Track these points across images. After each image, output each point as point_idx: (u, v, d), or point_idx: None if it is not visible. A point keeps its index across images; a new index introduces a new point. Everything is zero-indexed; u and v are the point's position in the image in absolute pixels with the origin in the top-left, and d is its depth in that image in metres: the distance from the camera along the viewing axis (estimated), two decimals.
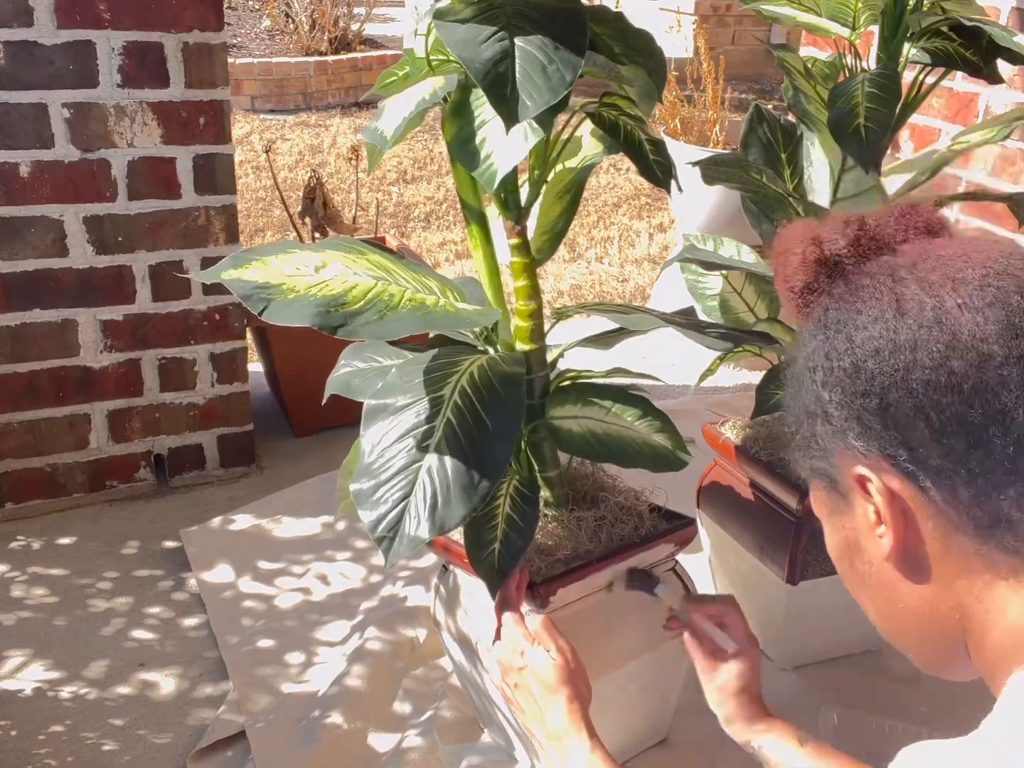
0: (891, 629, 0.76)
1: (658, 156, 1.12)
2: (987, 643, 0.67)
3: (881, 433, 0.66)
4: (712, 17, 6.28)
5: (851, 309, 0.69)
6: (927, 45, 1.49)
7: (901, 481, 0.66)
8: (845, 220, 0.75)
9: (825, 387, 0.70)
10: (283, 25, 6.26)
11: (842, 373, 0.68)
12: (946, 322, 0.64)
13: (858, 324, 0.68)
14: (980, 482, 0.63)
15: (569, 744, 1.05)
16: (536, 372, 1.24)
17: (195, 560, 1.88)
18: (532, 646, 1.10)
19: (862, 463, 0.68)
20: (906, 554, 0.68)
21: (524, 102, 0.86)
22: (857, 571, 0.74)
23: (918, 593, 0.69)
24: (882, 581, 0.72)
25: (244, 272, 1.05)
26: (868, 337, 0.67)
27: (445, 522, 0.98)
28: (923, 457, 0.65)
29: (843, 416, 0.68)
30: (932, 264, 0.68)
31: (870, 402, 0.66)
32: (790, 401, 0.75)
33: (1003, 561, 0.65)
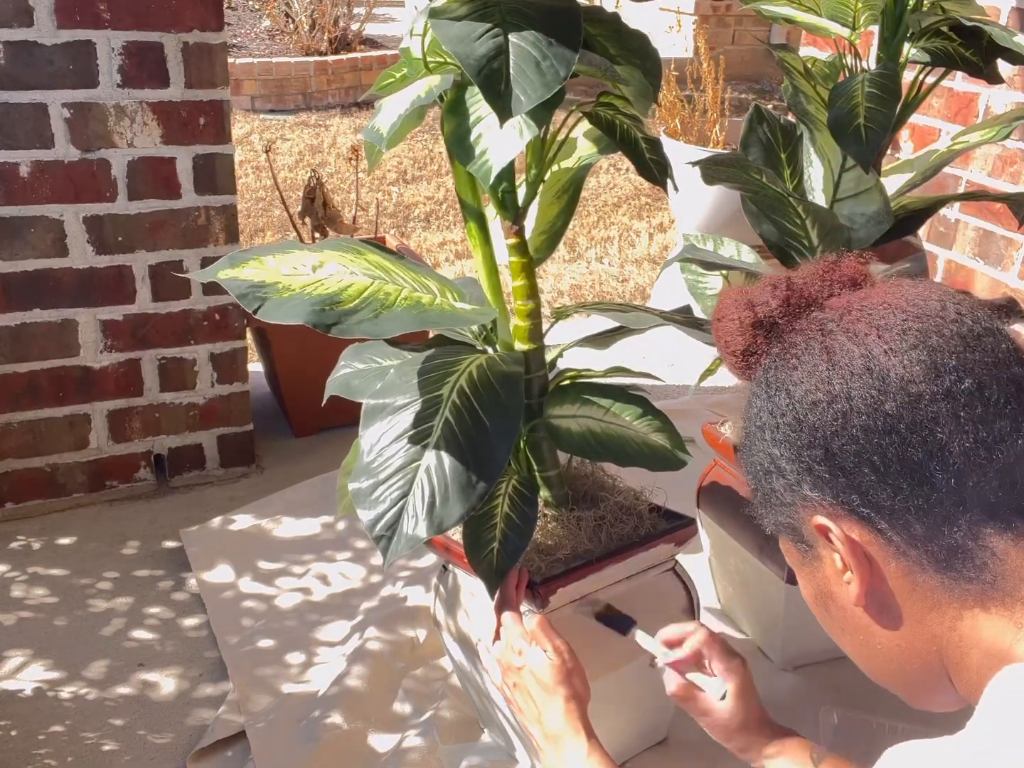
0: (874, 669, 0.78)
1: (654, 155, 1.12)
2: (968, 667, 0.68)
3: (831, 481, 0.68)
4: (712, 17, 6.28)
5: (787, 366, 0.72)
6: (927, 45, 1.49)
7: (859, 526, 0.68)
8: (773, 283, 0.78)
9: (775, 444, 0.72)
10: (283, 25, 6.26)
11: (787, 429, 0.71)
12: (875, 368, 0.67)
13: (795, 380, 0.71)
14: (930, 518, 0.66)
15: (567, 744, 1.04)
16: (535, 372, 1.24)
17: (195, 560, 1.88)
18: (530, 646, 1.10)
19: (820, 512, 0.70)
20: (874, 597, 0.70)
21: (518, 97, 0.87)
22: (833, 617, 0.76)
23: (892, 634, 0.71)
24: (857, 625, 0.74)
25: (241, 271, 1.05)
26: (805, 391, 0.70)
27: (443, 521, 0.98)
28: (874, 500, 0.67)
29: (795, 470, 0.71)
30: (857, 315, 0.71)
31: (816, 453, 0.69)
32: (745, 460, 0.77)
33: (967, 591, 0.67)
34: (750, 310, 0.77)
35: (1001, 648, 0.65)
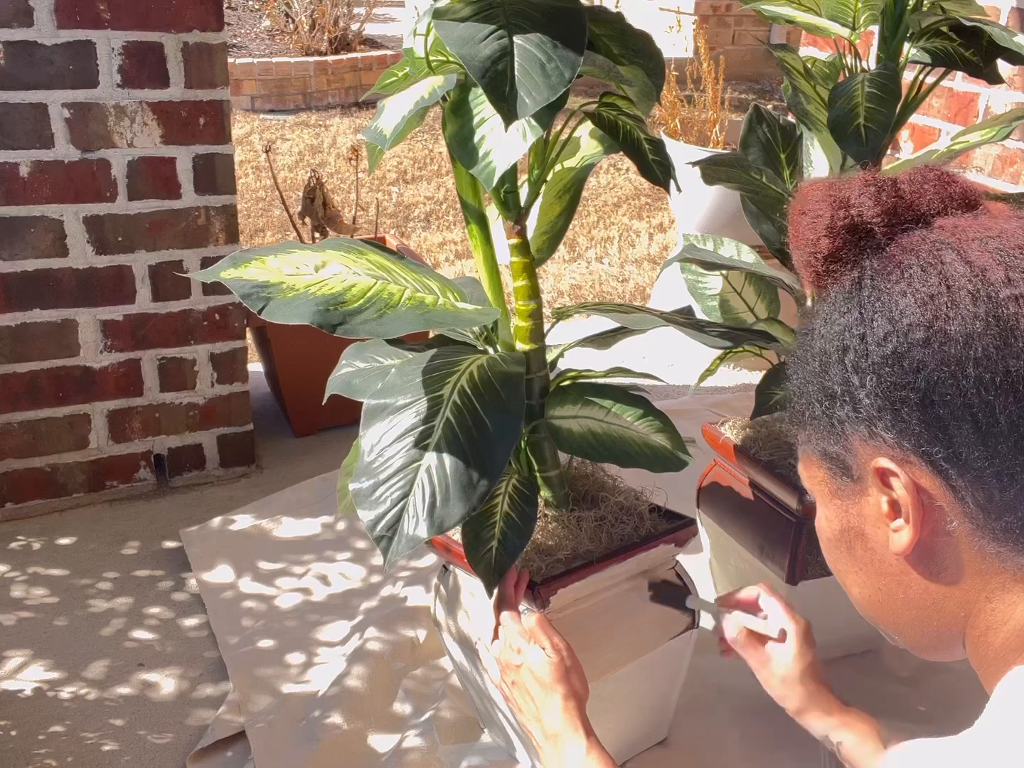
0: (879, 613, 0.73)
1: (657, 156, 1.12)
2: (990, 640, 0.65)
3: (918, 428, 0.62)
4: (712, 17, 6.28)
5: (893, 289, 0.64)
6: (927, 45, 1.49)
7: (931, 478, 0.63)
8: (876, 185, 0.69)
9: (857, 371, 0.65)
10: (283, 25, 6.26)
11: (881, 360, 0.63)
12: (1002, 316, 0.60)
13: (902, 307, 0.63)
14: (1020, 487, 0.61)
15: (565, 743, 1.04)
16: (536, 372, 1.24)
17: (195, 560, 1.88)
18: (529, 644, 1.10)
19: (887, 455, 0.64)
20: (920, 549, 0.65)
21: (523, 100, 0.86)
22: (854, 556, 0.71)
23: (924, 587, 0.67)
24: (883, 571, 0.69)
25: (244, 271, 1.05)
26: (914, 323, 0.62)
27: (444, 521, 0.98)
28: (963, 458, 0.61)
29: (875, 405, 0.64)
30: (979, 246, 0.63)
31: (911, 395, 0.62)
32: (803, 376, 0.70)
33: (1020, 564, 0.63)
34: (845, 210, 0.68)
35: None
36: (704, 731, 1.49)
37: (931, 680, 1.59)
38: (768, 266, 1.63)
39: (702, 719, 1.50)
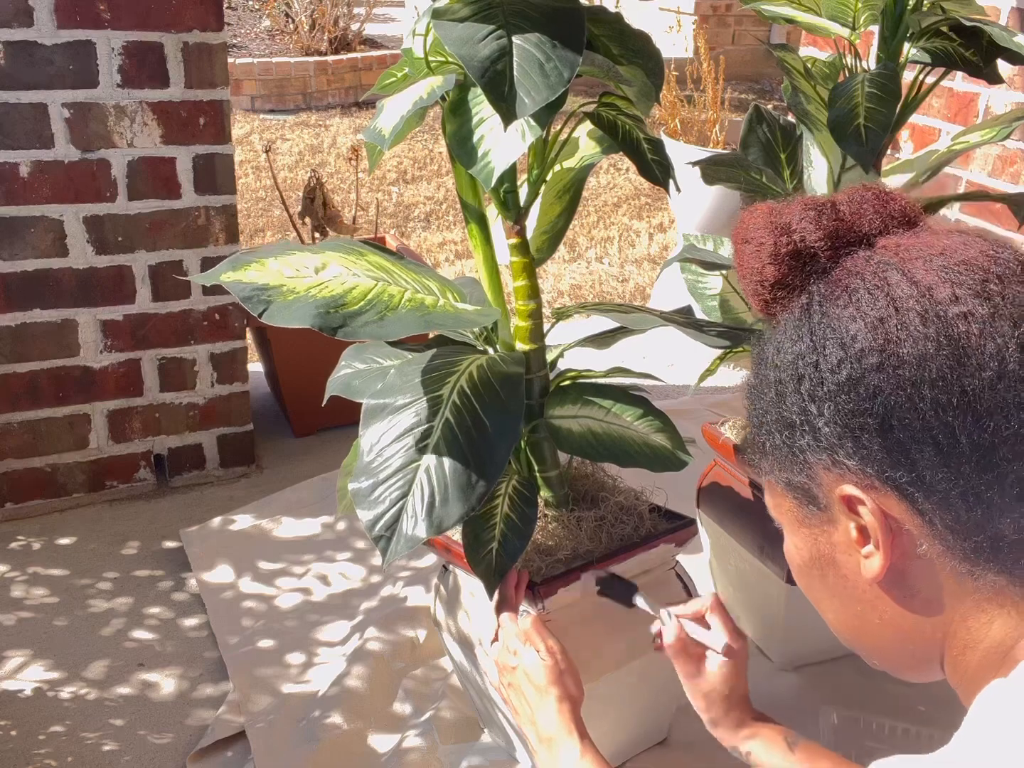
0: (856, 638, 0.73)
1: (656, 156, 1.12)
2: (968, 659, 0.65)
3: (879, 454, 0.62)
4: (712, 17, 6.28)
5: (842, 315, 0.63)
6: (927, 45, 1.49)
7: (898, 503, 0.62)
8: (816, 208, 0.69)
9: (814, 400, 0.64)
10: (283, 25, 6.26)
11: (837, 387, 0.62)
12: (953, 335, 0.60)
13: (852, 333, 0.62)
14: (983, 506, 0.60)
15: (559, 746, 1.04)
16: (536, 372, 1.24)
17: (195, 560, 1.88)
18: (524, 647, 1.10)
19: (851, 482, 0.63)
20: (892, 574, 0.64)
21: (522, 99, 0.86)
22: (827, 583, 0.71)
23: (899, 611, 0.67)
24: (857, 597, 0.68)
25: (243, 274, 1.05)
26: (867, 348, 0.61)
27: (443, 522, 0.98)
28: (927, 480, 0.60)
29: (835, 433, 0.63)
30: (924, 266, 0.62)
31: (869, 422, 0.61)
32: (760, 406, 0.69)
33: (994, 582, 0.63)
34: (787, 236, 0.68)
35: (1005, 646, 0.63)
36: (704, 731, 1.48)
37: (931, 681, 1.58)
38: None
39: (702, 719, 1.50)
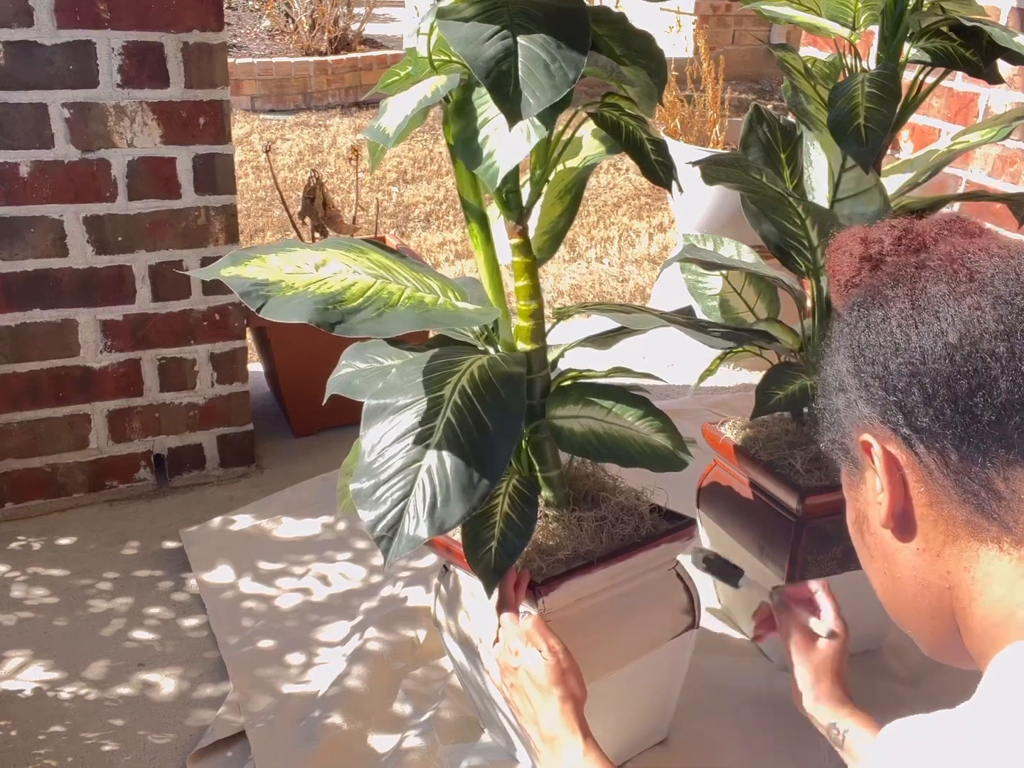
0: (892, 604, 0.79)
1: (659, 156, 1.12)
2: (974, 615, 0.69)
3: (883, 399, 0.71)
4: (712, 17, 6.28)
5: (876, 296, 0.75)
6: (927, 45, 1.49)
7: (898, 446, 0.71)
8: (893, 224, 0.81)
9: (843, 361, 0.75)
10: (283, 25, 6.26)
11: (856, 349, 0.74)
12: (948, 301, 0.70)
13: (880, 300, 0.74)
14: (967, 447, 0.68)
15: (563, 745, 1.04)
16: (537, 372, 1.24)
17: (195, 560, 1.88)
18: (526, 647, 1.10)
19: (868, 430, 0.73)
20: (901, 519, 0.72)
21: (527, 100, 0.86)
22: (865, 543, 0.78)
23: (911, 562, 0.73)
24: (883, 551, 0.76)
25: (244, 269, 1.05)
26: (883, 316, 0.72)
27: (444, 522, 0.98)
28: (916, 422, 0.69)
29: (855, 385, 0.74)
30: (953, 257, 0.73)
31: (875, 369, 0.72)
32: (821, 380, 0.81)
33: (988, 529, 0.68)
34: (863, 244, 0.80)
35: (1008, 602, 0.67)
36: (704, 731, 1.49)
37: (931, 680, 1.59)
38: (768, 266, 1.63)
39: (702, 719, 1.50)
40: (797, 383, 1.46)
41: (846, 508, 0.82)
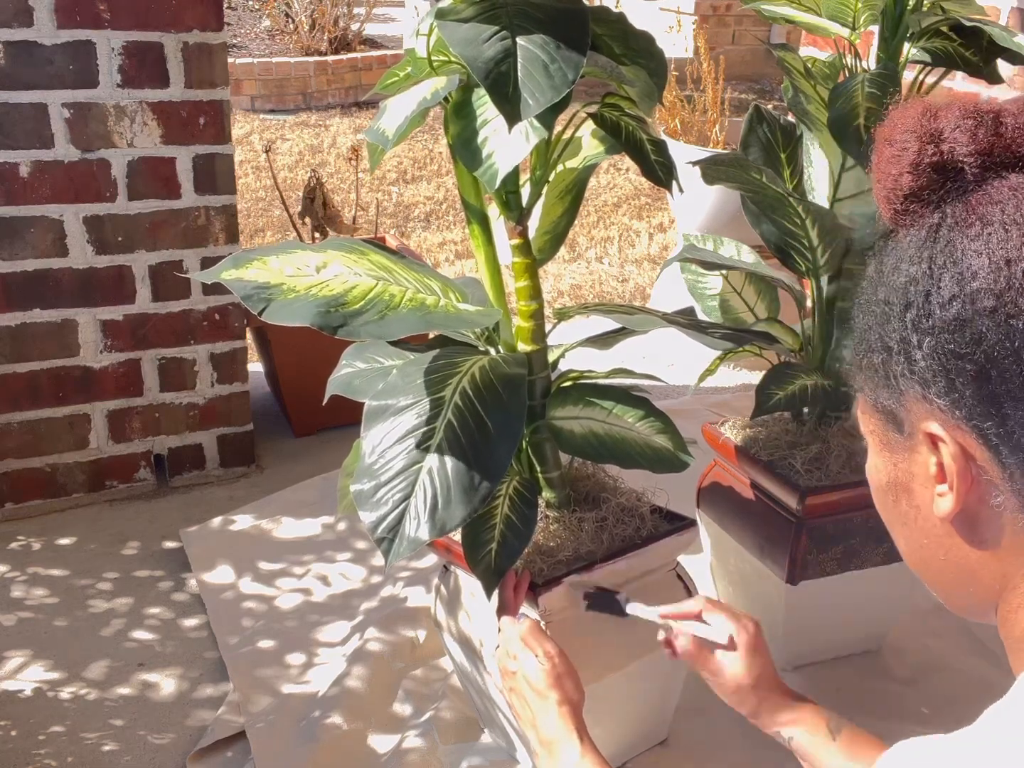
0: (922, 570, 0.71)
1: (660, 156, 1.12)
2: (1020, 618, 0.64)
3: (971, 401, 0.59)
4: (712, 17, 6.28)
5: (969, 247, 0.58)
6: (927, 45, 1.49)
7: (981, 450, 0.60)
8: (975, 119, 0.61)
9: (916, 330, 0.60)
10: (283, 25, 6.26)
11: (943, 324, 0.58)
12: None
13: (974, 268, 0.57)
14: None
15: (560, 748, 1.04)
16: (537, 373, 1.24)
17: (195, 560, 1.88)
18: (524, 651, 1.10)
19: (938, 419, 0.61)
20: (964, 516, 0.63)
21: (526, 101, 0.86)
22: (900, 510, 0.69)
23: (964, 553, 0.65)
24: (927, 530, 0.67)
25: (245, 272, 1.05)
26: (984, 289, 0.57)
27: (446, 523, 0.98)
28: (1016, 437, 0.58)
29: (930, 369, 0.60)
30: None
31: (968, 366, 0.58)
32: (865, 322, 0.66)
33: None
34: (935, 145, 0.61)
35: None
36: (704, 731, 1.49)
37: (931, 680, 1.59)
38: (768, 266, 1.63)
39: (702, 719, 1.50)
40: (797, 383, 1.46)
41: (871, 457, 0.71)
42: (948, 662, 1.61)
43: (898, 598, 1.61)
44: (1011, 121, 0.61)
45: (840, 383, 1.51)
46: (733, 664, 1.06)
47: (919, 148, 0.62)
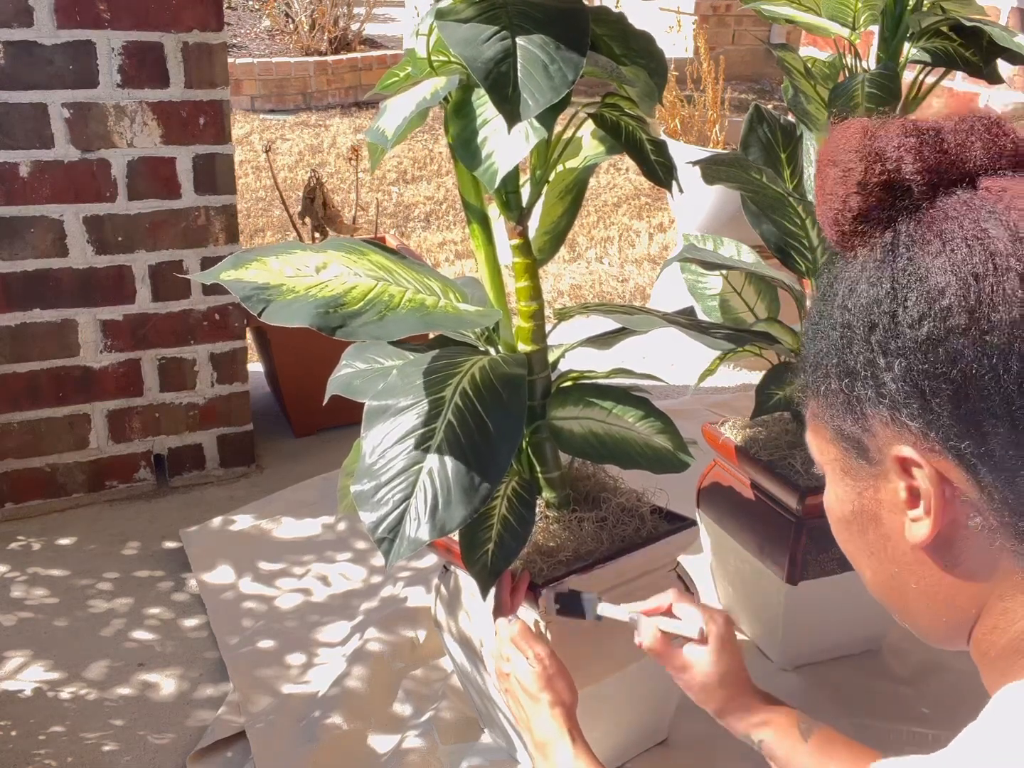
0: (892, 601, 0.69)
1: (660, 156, 1.12)
2: (995, 640, 0.63)
3: (948, 421, 0.57)
4: (712, 17, 6.28)
5: (932, 264, 0.57)
6: (927, 45, 1.49)
7: (958, 472, 0.58)
8: (917, 135, 0.61)
9: (884, 352, 0.58)
10: (283, 25, 6.26)
11: (914, 345, 0.57)
12: None
13: (940, 286, 0.56)
14: None
15: (554, 749, 1.04)
16: (537, 373, 1.24)
17: (195, 560, 1.88)
18: (516, 653, 1.10)
19: (909, 443, 0.59)
20: (940, 543, 0.61)
21: (526, 101, 0.86)
22: (866, 540, 0.67)
23: (938, 578, 0.63)
24: (896, 558, 0.65)
25: (244, 273, 1.04)
26: (954, 307, 0.56)
27: (446, 524, 0.98)
28: (996, 456, 0.56)
29: (902, 391, 0.58)
30: None
31: (944, 386, 0.56)
32: (821, 347, 0.64)
33: None
34: (881, 164, 0.60)
35: None
36: (704, 731, 1.48)
37: (931, 680, 1.59)
38: (768, 266, 1.63)
39: (702, 719, 1.49)
40: (797, 383, 1.46)
41: (830, 488, 0.69)
42: (948, 662, 1.61)
43: None
44: (952, 138, 0.61)
45: None
46: (700, 659, 1.02)
47: (865, 168, 0.61)
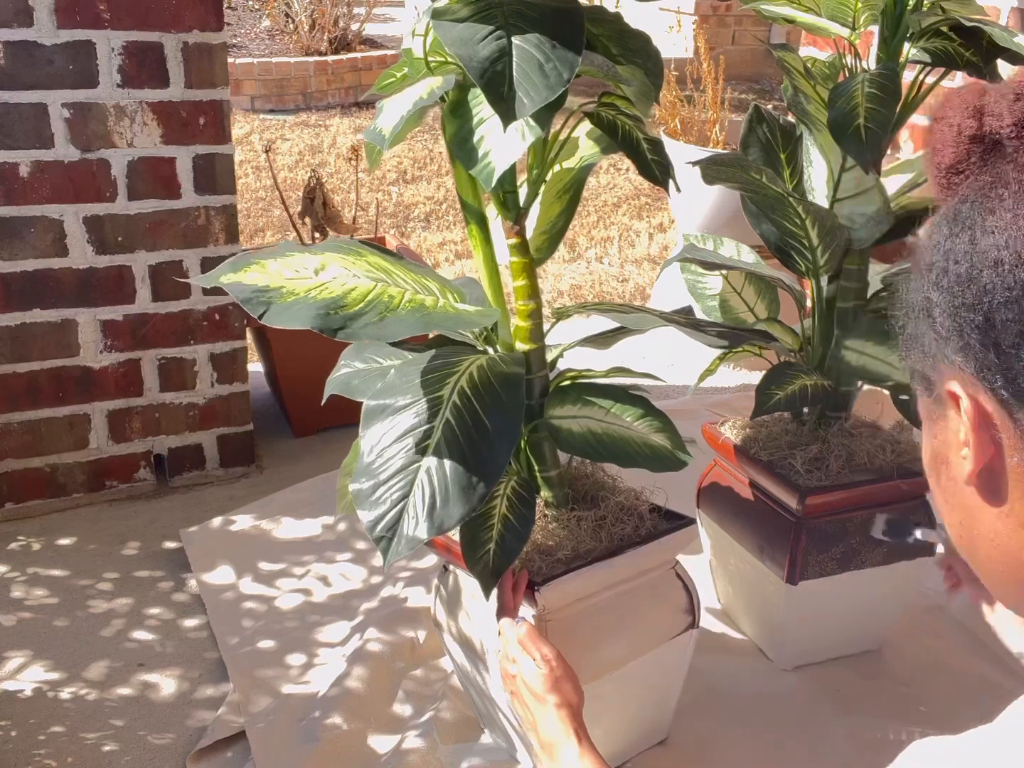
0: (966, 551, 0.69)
1: (656, 155, 1.12)
2: None
3: (980, 354, 0.59)
4: (712, 17, 6.28)
5: (984, 207, 0.60)
6: (927, 45, 1.49)
7: (994, 407, 0.60)
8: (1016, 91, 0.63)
9: (936, 288, 0.62)
10: (283, 25, 6.26)
11: (955, 278, 0.60)
12: None
13: (987, 225, 0.59)
14: None
15: (560, 750, 1.05)
16: (536, 372, 1.24)
17: (195, 561, 1.88)
18: (522, 655, 1.10)
19: (957, 379, 0.61)
20: (988, 480, 0.62)
21: (521, 100, 0.87)
22: (941, 486, 0.68)
23: (992, 524, 0.64)
24: (961, 503, 0.66)
25: (244, 276, 1.05)
26: (992, 244, 0.58)
27: (444, 522, 0.98)
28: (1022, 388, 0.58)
29: (947, 325, 0.61)
30: None
31: (975, 318, 0.59)
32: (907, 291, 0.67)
33: None
34: (976, 119, 0.63)
35: None
36: (704, 731, 1.49)
37: (931, 680, 1.59)
38: (768, 266, 1.63)
39: (702, 719, 1.50)
40: (797, 383, 1.46)
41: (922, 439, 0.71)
42: (948, 662, 1.61)
43: (898, 598, 1.61)
44: None
45: (840, 383, 1.51)
46: None
47: (960, 122, 0.64)
